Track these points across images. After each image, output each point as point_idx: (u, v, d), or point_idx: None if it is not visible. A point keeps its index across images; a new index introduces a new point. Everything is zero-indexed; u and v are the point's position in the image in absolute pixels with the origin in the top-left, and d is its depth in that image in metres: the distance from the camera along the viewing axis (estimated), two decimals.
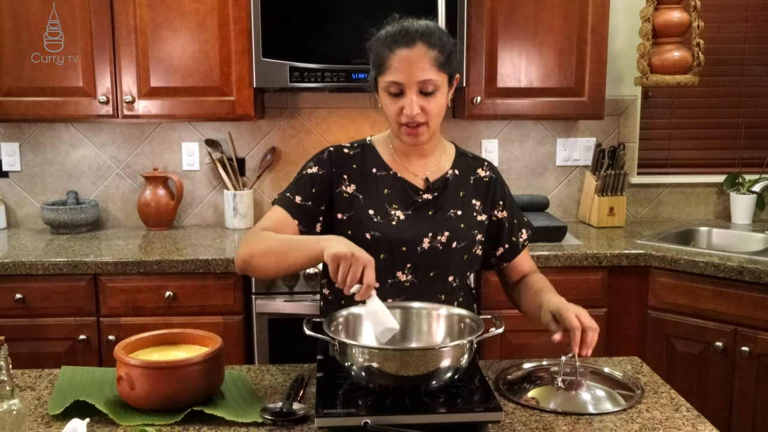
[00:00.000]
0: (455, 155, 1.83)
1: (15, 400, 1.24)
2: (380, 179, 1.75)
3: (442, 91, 1.66)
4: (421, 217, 1.72)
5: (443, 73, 1.64)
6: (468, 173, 1.81)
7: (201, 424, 1.40)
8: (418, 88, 1.62)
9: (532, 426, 1.40)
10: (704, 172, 3.42)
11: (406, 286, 1.70)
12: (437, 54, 1.62)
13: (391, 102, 1.65)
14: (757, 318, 2.53)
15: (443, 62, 1.64)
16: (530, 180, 3.37)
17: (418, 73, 1.60)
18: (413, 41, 1.61)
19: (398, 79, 1.61)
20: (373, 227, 1.69)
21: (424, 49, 1.61)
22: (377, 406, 1.34)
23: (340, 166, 1.75)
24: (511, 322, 2.05)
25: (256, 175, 3.28)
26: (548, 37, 2.94)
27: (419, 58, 1.60)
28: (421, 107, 1.63)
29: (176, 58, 2.87)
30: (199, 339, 1.56)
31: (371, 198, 1.73)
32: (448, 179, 1.77)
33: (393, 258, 1.69)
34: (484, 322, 1.48)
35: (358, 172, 1.75)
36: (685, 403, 1.50)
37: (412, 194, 1.74)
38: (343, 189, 1.73)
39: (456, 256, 1.73)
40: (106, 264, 2.64)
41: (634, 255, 2.74)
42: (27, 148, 3.25)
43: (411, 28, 1.63)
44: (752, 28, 3.36)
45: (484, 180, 1.82)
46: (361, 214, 1.71)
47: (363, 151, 1.78)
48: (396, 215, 1.71)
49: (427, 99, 1.63)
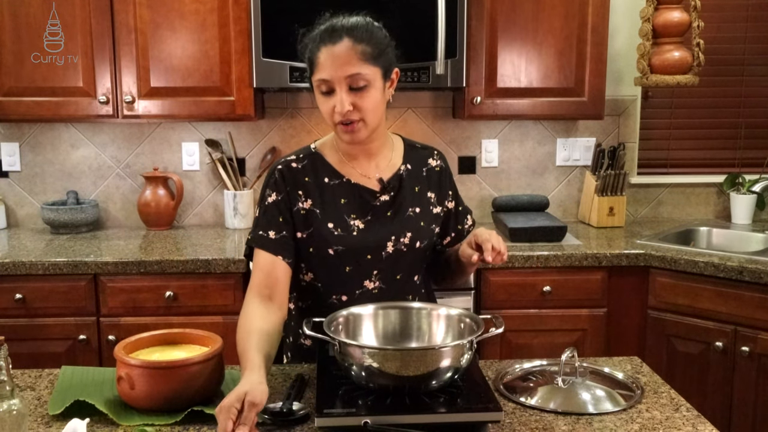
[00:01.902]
0: (404, 148, 1.79)
1: (15, 400, 1.24)
2: (335, 189, 1.70)
3: (375, 86, 1.58)
4: (381, 222, 1.70)
5: (374, 66, 1.57)
6: (420, 165, 1.78)
7: (201, 424, 1.40)
8: (347, 84, 1.56)
9: (532, 426, 1.40)
10: (704, 172, 3.42)
11: (374, 293, 1.70)
12: (365, 47, 1.56)
13: (324, 101, 1.60)
14: (757, 318, 2.53)
15: (373, 55, 1.57)
16: (530, 180, 3.37)
17: (345, 68, 1.55)
18: (339, 37, 1.56)
19: (326, 76, 1.56)
20: (334, 241, 1.67)
21: (349, 43, 1.55)
22: (377, 406, 1.34)
23: (293, 183, 1.69)
24: (510, 322, 2.05)
25: (256, 175, 3.28)
26: (548, 37, 2.94)
27: (345, 53, 1.55)
28: (352, 104, 1.57)
29: (176, 58, 2.87)
30: (199, 339, 1.56)
31: (329, 211, 1.68)
32: (402, 176, 1.74)
33: (359, 268, 1.69)
34: (484, 322, 1.48)
35: (312, 184, 1.70)
36: (685, 403, 1.50)
37: (369, 198, 1.70)
38: (300, 206, 1.69)
39: (419, 254, 1.74)
40: (106, 264, 2.64)
41: (634, 255, 2.74)
42: (27, 148, 3.25)
43: (338, 24, 1.59)
44: (752, 28, 3.36)
45: (436, 170, 1.80)
46: (321, 230, 1.67)
47: (312, 161, 1.72)
48: (356, 225, 1.68)
49: (359, 95, 1.57)
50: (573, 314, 2.76)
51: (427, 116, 3.30)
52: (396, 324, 1.58)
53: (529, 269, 2.72)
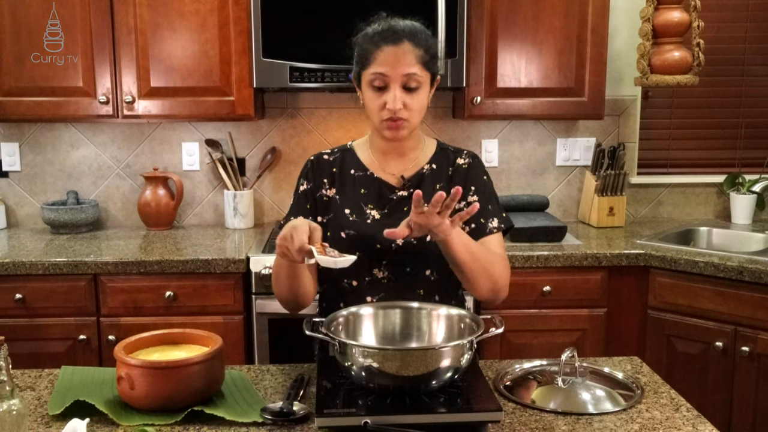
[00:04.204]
0: (436, 150, 1.85)
1: (15, 400, 1.24)
2: (357, 180, 1.80)
3: (424, 89, 1.69)
4: (397, 215, 1.72)
5: (427, 71, 1.68)
6: (447, 165, 1.82)
7: (201, 424, 1.40)
8: (402, 83, 1.65)
9: (532, 426, 1.40)
10: (704, 172, 3.42)
11: (383, 283, 1.74)
12: (422, 53, 1.67)
13: (375, 96, 1.68)
14: (758, 318, 2.53)
15: (428, 61, 1.68)
16: (530, 180, 3.37)
17: (403, 66, 1.64)
18: (400, 39, 1.65)
19: (383, 71, 1.65)
20: (348, 226, 1.74)
21: (410, 46, 1.66)
22: (377, 406, 1.34)
23: (321, 172, 1.81)
24: (511, 322, 2.05)
25: (256, 175, 3.28)
26: (548, 37, 2.94)
27: (405, 54, 1.65)
28: (403, 103, 1.66)
29: (176, 58, 2.87)
30: (199, 339, 1.56)
31: (348, 198, 1.78)
32: (423, 174, 1.79)
33: (369, 255, 1.72)
34: (484, 322, 1.48)
35: (337, 175, 1.81)
36: (685, 403, 1.50)
37: (387, 193, 1.78)
38: (323, 193, 1.80)
39: (432, 250, 1.72)
40: (107, 264, 2.64)
41: (634, 255, 2.74)
42: (27, 148, 3.25)
43: (398, 26, 1.68)
44: (752, 28, 3.36)
45: (463, 167, 1.82)
46: (338, 215, 1.77)
47: (343, 156, 1.84)
48: (371, 214, 1.76)
49: (410, 95, 1.67)
50: (573, 314, 2.76)
51: (427, 116, 3.26)
52: (396, 324, 1.59)
53: (529, 269, 2.72)
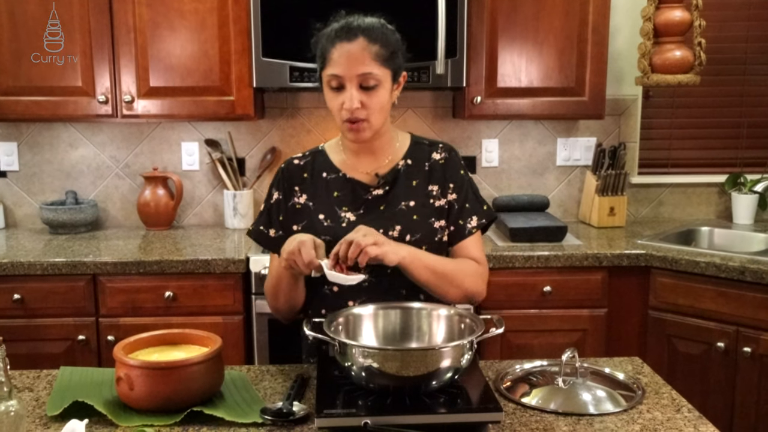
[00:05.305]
0: (410, 145, 1.80)
1: (13, 401, 1.23)
2: (330, 182, 1.76)
3: (384, 87, 1.64)
4: (372, 215, 1.71)
5: (385, 68, 1.63)
6: (422, 160, 1.78)
7: (201, 424, 1.40)
8: (358, 82, 1.61)
9: (533, 426, 1.39)
10: (706, 172, 3.41)
11: (364, 286, 1.67)
12: (379, 48, 1.61)
13: (333, 97, 1.65)
14: (759, 318, 2.52)
15: (386, 57, 1.62)
16: (530, 180, 3.36)
17: (357, 66, 1.60)
18: (355, 35, 1.61)
19: (338, 72, 1.61)
20: (323, 231, 1.69)
21: (364, 43, 1.61)
22: (377, 406, 1.34)
23: (292, 180, 1.77)
24: (511, 322, 2.04)
25: (256, 175, 3.27)
26: (549, 37, 2.93)
27: (359, 52, 1.60)
28: (361, 102, 1.62)
29: (176, 58, 2.86)
30: (199, 339, 1.55)
31: (321, 203, 1.74)
32: (399, 171, 1.76)
33: None
34: (484, 322, 1.47)
35: (308, 180, 1.77)
36: (686, 404, 1.50)
37: (362, 193, 1.74)
38: (295, 201, 1.76)
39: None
40: (106, 264, 2.64)
41: (635, 255, 2.73)
42: (25, 147, 3.24)
43: (354, 23, 1.64)
44: (754, 27, 3.35)
45: (440, 163, 1.78)
46: (313, 221, 1.73)
47: (314, 158, 1.80)
48: (346, 217, 1.72)
49: (368, 94, 1.62)
50: (573, 314, 2.75)
51: (427, 116, 3.29)
52: (396, 324, 1.58)
53: (530, 269, 2.71)
